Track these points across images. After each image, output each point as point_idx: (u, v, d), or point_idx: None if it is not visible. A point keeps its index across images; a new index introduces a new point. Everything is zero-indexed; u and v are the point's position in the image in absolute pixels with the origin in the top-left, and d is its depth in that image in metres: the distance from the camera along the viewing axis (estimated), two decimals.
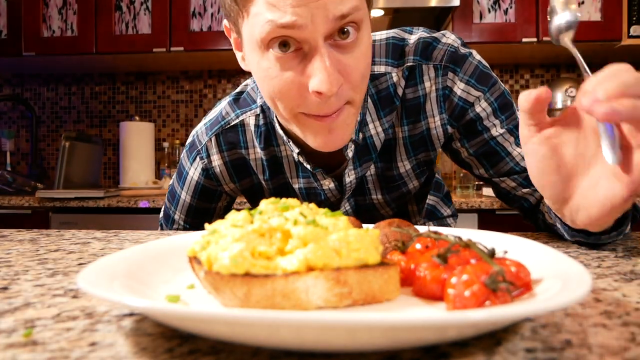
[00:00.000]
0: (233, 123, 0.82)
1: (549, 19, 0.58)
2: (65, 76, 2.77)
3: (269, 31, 0.57)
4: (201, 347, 0.29)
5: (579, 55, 0.54)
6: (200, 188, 0.85)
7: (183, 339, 0.30)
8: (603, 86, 0.42)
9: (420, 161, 0.80)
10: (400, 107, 0.76)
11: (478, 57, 0.75)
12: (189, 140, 0.87)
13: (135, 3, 2.32)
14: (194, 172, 0.85)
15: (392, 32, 0.78)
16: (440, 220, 1.11)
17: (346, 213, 0.84)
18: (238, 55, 0.70)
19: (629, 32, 2.09)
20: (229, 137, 0.82)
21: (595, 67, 2.53)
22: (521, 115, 0.50)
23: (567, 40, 0.57)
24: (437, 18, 2.29)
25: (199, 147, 0.83)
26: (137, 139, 2.49)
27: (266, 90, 0.65)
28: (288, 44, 0.59)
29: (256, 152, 0.81)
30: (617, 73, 0.43)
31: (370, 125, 0.76)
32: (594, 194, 0.48)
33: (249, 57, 0.65)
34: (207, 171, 0.84)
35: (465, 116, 0.75)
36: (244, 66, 0.69)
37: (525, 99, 0.49)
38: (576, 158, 0.49)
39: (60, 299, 0.39)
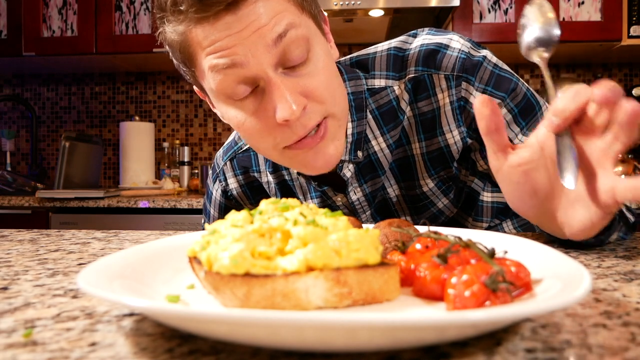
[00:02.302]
0: (245, 147, 0.84)
1: (518, 32, 0.54)
2: (65, 76, 2.77)
3: (220, 79, 0.59)
4: (201, 347, 0.29)
5: (549, 78, 0.51)
6: (223, 207, 0.88)
7: (183, 339, 0.30)
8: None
9: (443, 178, 0.75)
10: (414, 121, 0.72)
11: (494, 59, 0.70)
12: (214, 161, 0.90)
13: (135, 3, 2.31)
14: (215, 193, 0.88)
15: (395, 42, 0.74)
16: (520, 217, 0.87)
17: None
18: (217, 112, 0.70)
19: (629, 32, 2.09)
20: (242, 161, 0.84)
21: (595, 67, 2.52)
22: (485, 140, 0.50)
23: (535, 57, 0.53)
24: (437, 18, 2.29)
25: (218, 171, 0.87)
26: (137, 139, 2.49)
27: (244, 137, 0.66)
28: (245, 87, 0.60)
29: (267, 176, 0.82)
30: (580, 90, 0.45)
31: (373, 142, 0.73)
32: (573, 213, 0.49)
33: (220, 110, 0.66)
34: (226, 193, 0.87)
35: None
36: (224, 120, 0.69)
37: (480, 117, 0.48)
38: (550, 181, 0.49)
39: (60, 299, 0.39)
